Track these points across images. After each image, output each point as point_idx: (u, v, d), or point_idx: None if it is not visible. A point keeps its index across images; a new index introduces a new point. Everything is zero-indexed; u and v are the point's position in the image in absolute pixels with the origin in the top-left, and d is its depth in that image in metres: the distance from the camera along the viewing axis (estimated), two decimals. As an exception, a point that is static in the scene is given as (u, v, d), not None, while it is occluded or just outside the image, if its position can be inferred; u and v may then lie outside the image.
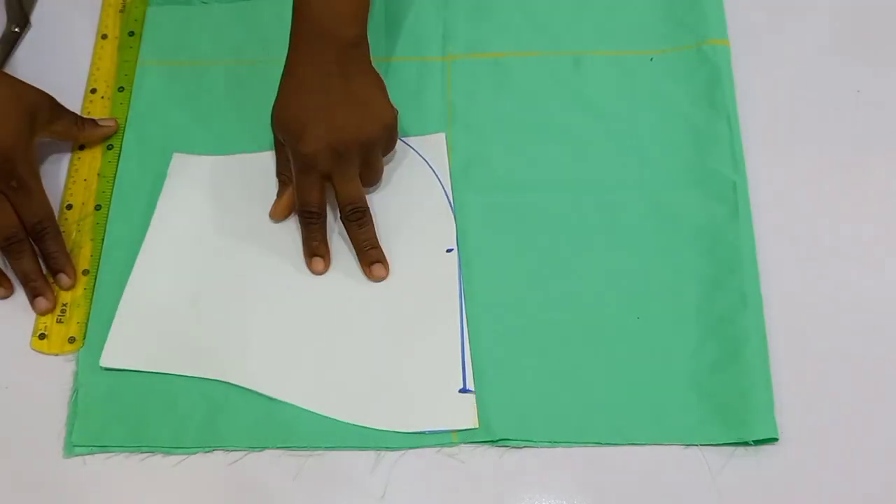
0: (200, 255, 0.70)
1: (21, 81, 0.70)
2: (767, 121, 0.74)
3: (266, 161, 0.74)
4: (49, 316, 0.68)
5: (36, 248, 0.69)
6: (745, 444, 0.62)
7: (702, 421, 0.63)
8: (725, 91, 0.74)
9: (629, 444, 0.63)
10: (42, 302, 0.68)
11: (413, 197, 0.72)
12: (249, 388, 0.65)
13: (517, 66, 0.77)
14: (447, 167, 0.73)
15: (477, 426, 0.63)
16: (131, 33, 0.80)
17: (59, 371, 0.66)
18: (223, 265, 0.70)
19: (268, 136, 0.74)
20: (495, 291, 0.68)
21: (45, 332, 0.68)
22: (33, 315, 0.69)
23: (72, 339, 0.67)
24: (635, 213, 0.70)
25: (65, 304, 0.69)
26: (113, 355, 0.66)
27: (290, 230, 0.71)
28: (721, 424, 0.62)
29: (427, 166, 0.73)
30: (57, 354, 0.67)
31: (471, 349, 0.66)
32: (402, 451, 0.63)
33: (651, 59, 0.76)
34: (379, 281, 0.69)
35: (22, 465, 0.63)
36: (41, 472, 0.63)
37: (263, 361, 0.66)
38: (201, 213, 0.72)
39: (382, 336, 0.67)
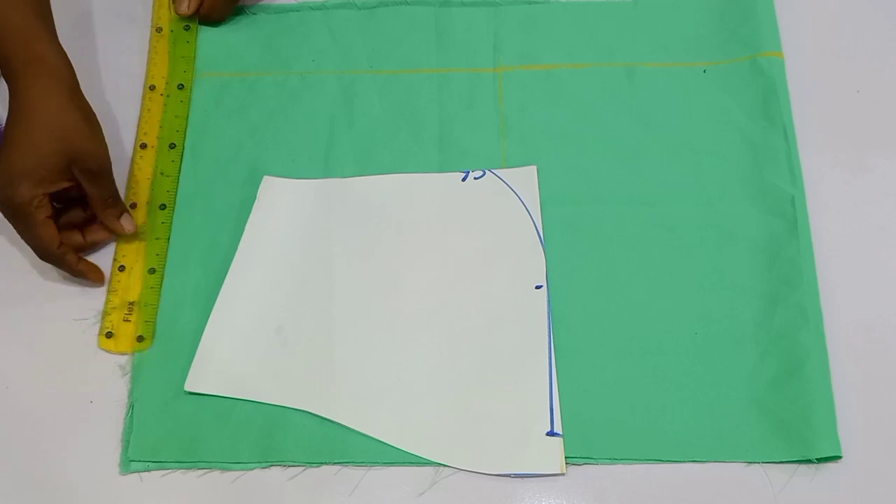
0: (287, 281, 0.69)
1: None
2: (823, 134, 0.73)
3: (357, 186, 0.72)
4: (116, 314, 0.68)
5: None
6: (808, 461, 0.61)
7: (763, 438, 0.62)
8: (781, 103, 0.73)
9: (690, 461, 0.62)
10: (127, 219, 0.70)
11: (504, 231, 0.70)
12: (333, 420, 0.64)
13: (569, 78, 0.76)
14: (538, 201, 0.71)
15: (564, 472, 0.62)
16: (187, 27, 0.80)
17: (116, 385, 0.66)
18: (310, 293, 0.68)
19: (321, 151, 0.74)
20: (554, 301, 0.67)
21: (113, 331, 0.67)
22: (95, 325, 0.68)
23: (140, 338, 0.67)
24: (692, 227, 0.70)
25: (132, 303, 0.68)
26: (198, 380, 0.65)
27: (380, 258, 0.69)
28: (783, 442, 0.62)
29: (518, 200, 0.71)
30: (124, 353, 0.67)
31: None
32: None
33: (704, 71, 0.76)
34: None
35: (78, 481, 0.63)
36: (97, 488, 0.63)
37: (347, 394, 0.65)
38: (289, 239, 0.70)
39: (469, 373, 0.65)
